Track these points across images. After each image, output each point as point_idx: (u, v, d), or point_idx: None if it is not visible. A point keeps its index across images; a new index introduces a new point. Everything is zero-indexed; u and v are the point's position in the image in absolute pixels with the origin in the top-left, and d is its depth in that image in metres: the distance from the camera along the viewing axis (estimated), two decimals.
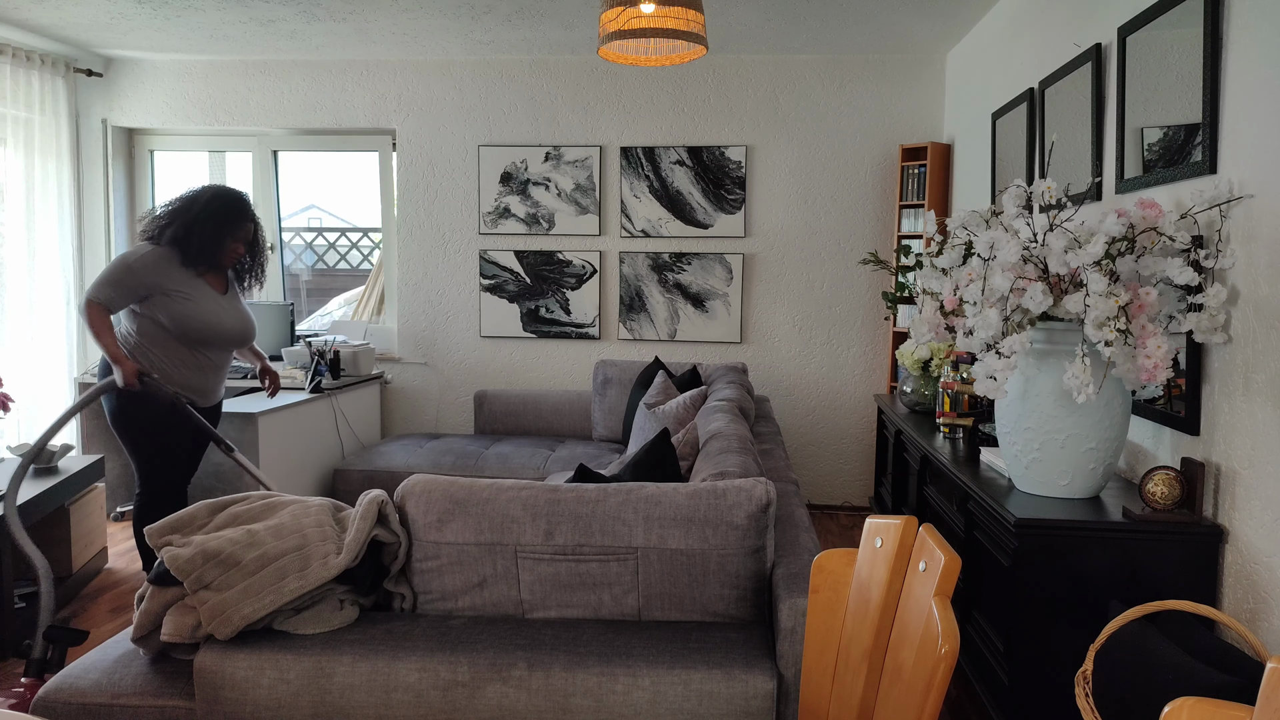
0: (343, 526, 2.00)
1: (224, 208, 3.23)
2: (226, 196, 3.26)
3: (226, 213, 3.23)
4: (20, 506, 3.19)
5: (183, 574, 1.81)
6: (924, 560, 1.28)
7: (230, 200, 3.26)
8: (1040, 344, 2.35)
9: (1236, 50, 2.15)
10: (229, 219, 3.23)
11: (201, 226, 3.18)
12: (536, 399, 5.02)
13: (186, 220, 3.18)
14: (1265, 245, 2.03)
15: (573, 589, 1.97)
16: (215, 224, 3.20)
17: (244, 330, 3.39)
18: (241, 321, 3.38)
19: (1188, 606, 1.67)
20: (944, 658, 1.11)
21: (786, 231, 5.12)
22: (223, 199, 3.24)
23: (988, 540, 2.53)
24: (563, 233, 5.23)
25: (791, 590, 1.84)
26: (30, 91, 4.81)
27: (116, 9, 4.29)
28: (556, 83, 5.18)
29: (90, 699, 1.82)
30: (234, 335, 3.34)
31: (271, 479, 3.95)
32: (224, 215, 3.22)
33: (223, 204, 3.23)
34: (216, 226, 3.20)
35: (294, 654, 1.80)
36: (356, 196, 5.97)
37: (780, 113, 5.08)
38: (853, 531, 4.71)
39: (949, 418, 3.39)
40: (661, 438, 2.46)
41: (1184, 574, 2.19)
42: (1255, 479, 2.06)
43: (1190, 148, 2.33)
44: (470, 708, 1.76)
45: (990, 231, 2.30)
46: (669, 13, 2.60)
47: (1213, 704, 0.94)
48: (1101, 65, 2.88)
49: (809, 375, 5.17)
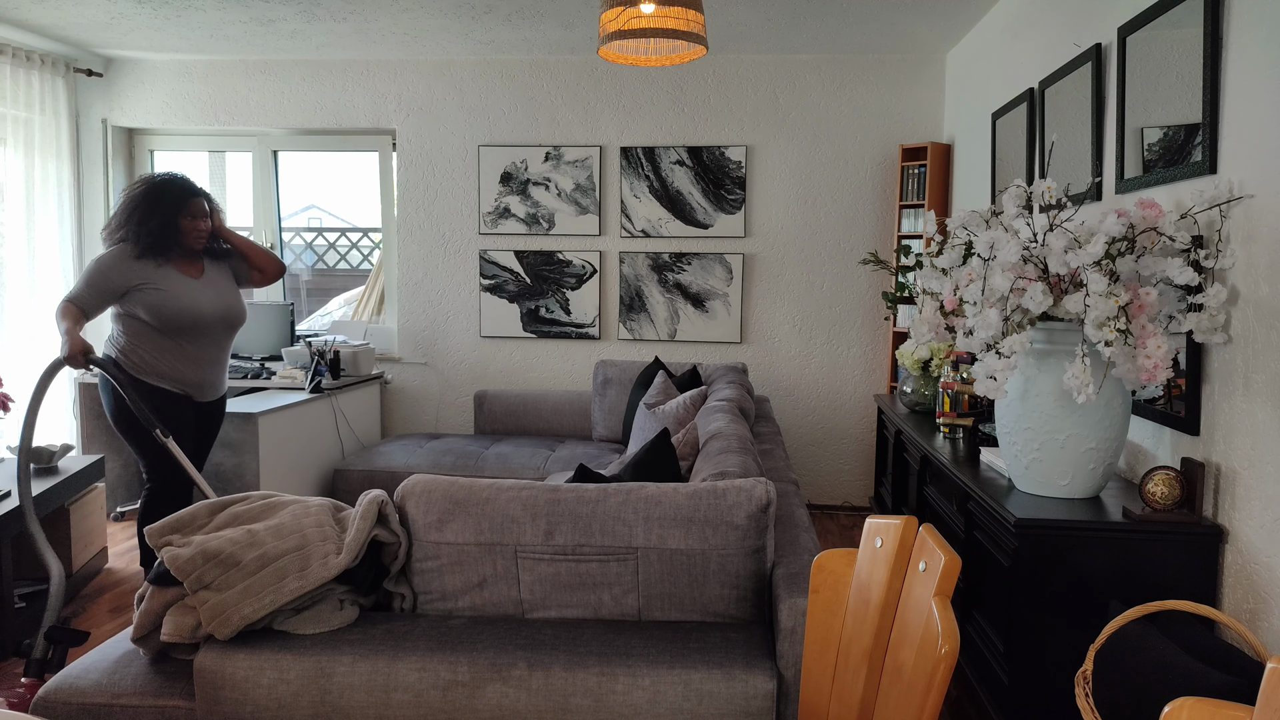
0: (343, 526, 2.00)
1: (159, 193, 3.27)
2: (159, 181, 3.30)
3: (161, 196, 3.26)
4: (20, 507, 3.18)
5: (183, 574, 1.81)
6: (924, 560, 1.28)
7: (163, 184, 3.29)
8: (1040, 344, 2.35)
9: (1236, 50, 2.15)
10: (168, 201, 3.26)
11: (146, 217, 3.23)
12: (536, 399, 5.02)
13: (133, 216, 3.24)
14: (1265, 245, 2.03)
15: (573, 589, 1.97)
16: (159, 211, 3.24)
17: (225, 312, 3.38)
18: (222, 303, 3.37)
19: (1188, 606, 1.67)
20: (944, 658, 1.11)
21: (786, 231, 5.12)
22: (157, 186, 3.29)
23: (988, 540, 2.53)
24: (563, 233, 5.23)
25: (791, 590, 1.84)
26: (30, 91, 4.81)
27: (116, 9, 4.29)
28: (556, 83, 5.18)
29: (90, 699, 1.82)
30: (214, 318, 3.34)
31: (210, 485, 3.94)
32: (162, 199, 3.26)
33: (157, 190, 3.27)
34: (161, 213, 3.24)
35: (294, 654, 1.80)
36: (356, 196, 5.98)
37: (780, 113, 5.08)
38: (853, 531, 4.71)
39: (949, 418, 3.39)
40: (661, 438, 2.46)
41: (1184, 574, 2.19)
42: (1255, 479, 2.06)
43: (1190, 148, 2.33)
44: (470, 708, 1.76)
45: (990, 231, 2.30)
46: (669, 13, 2.60)
47: (1213, 704, 0.94)
48: (1101, 65, 2.88)
49: (809, 375, 5.17)
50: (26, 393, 4.78)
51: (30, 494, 2.79)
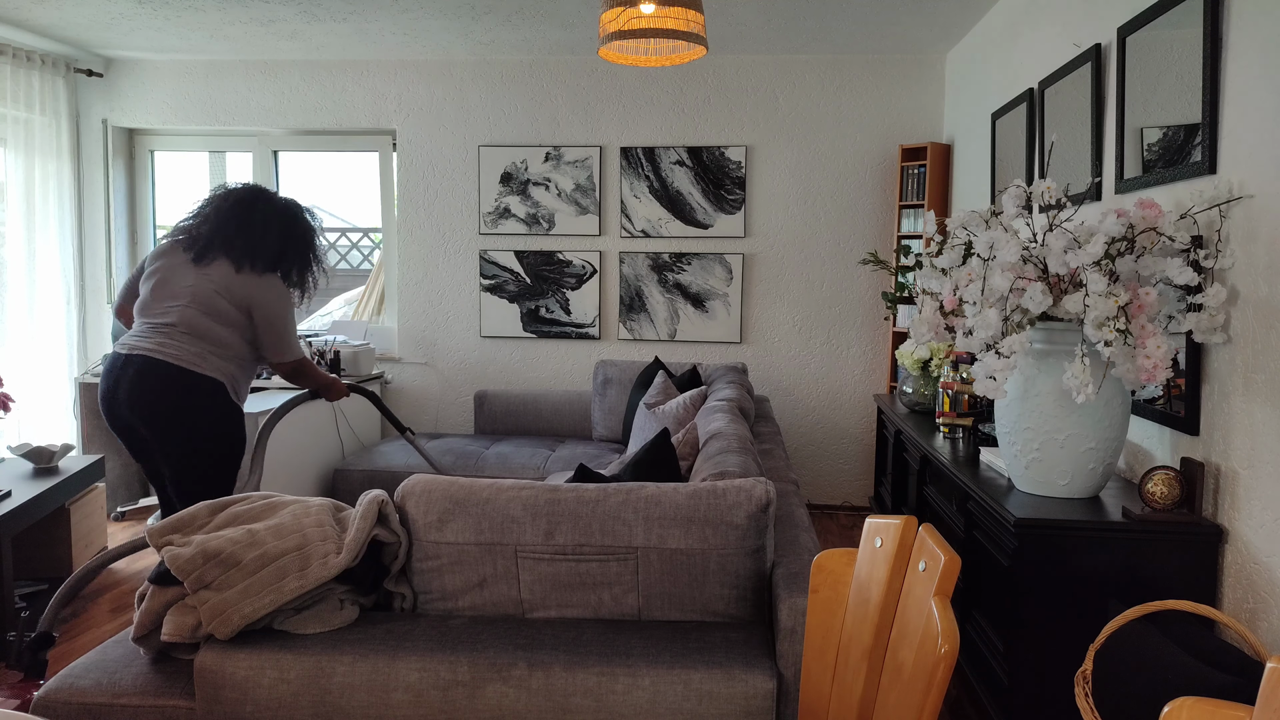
0: (343, 526, 2.00)
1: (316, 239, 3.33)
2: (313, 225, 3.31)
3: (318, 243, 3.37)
4: (20, 507, 3.19)
5: (183, 573, 1.81)
6: (924, 560, 1.28)
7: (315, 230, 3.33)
8: (1040, 344, 2.35)
9: (1236, 50, 2.15)
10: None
11: (319, 267, 3.28)
12: (536, 399, 5.02)
13: (315, 260, 3.23)
14: (1265, 245, 2.03)
15: (573, 589, 1.97)
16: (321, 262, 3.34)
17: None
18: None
19: (1188, 606, 1.68)
20: (944, 657, 1.12)
21: (786, 231, 5.12)
22: (313, 230, 3.29)
23: (987, 540, 2.53)
24: (563, 233, 5.23)
25: (791, 590, 1.84)
26: (30, 92, 4.81)
27: (116, 9, 4.30)
28: (556, 83, 5.18)
29: (90, 699, 1.82)
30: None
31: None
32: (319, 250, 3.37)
33: (315, 236, 3.31)
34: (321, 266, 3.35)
35: (294, 654, 1.80)
36: (356, 196, 5.98)
37: (780, 113, 5.08)
38: (852, 531, 4.71)
39: (949, 418, 3.39)
40: (661, 438, 2.46)
41: (1184, 574, 2.19)
42: (1255, 479, 2.06)
43: (1190, 148, 2.33)
44: (470, 708, 1.76)
45: (990, 232, 2.31)
46: (669, 13, 2.60)
47: (1213, 704, 0.94)
48: (1101, 65, 2.89)
49: (809, 375, 5.17)
50: (26, 392, 4.78)
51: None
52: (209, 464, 2.97)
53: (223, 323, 2.97)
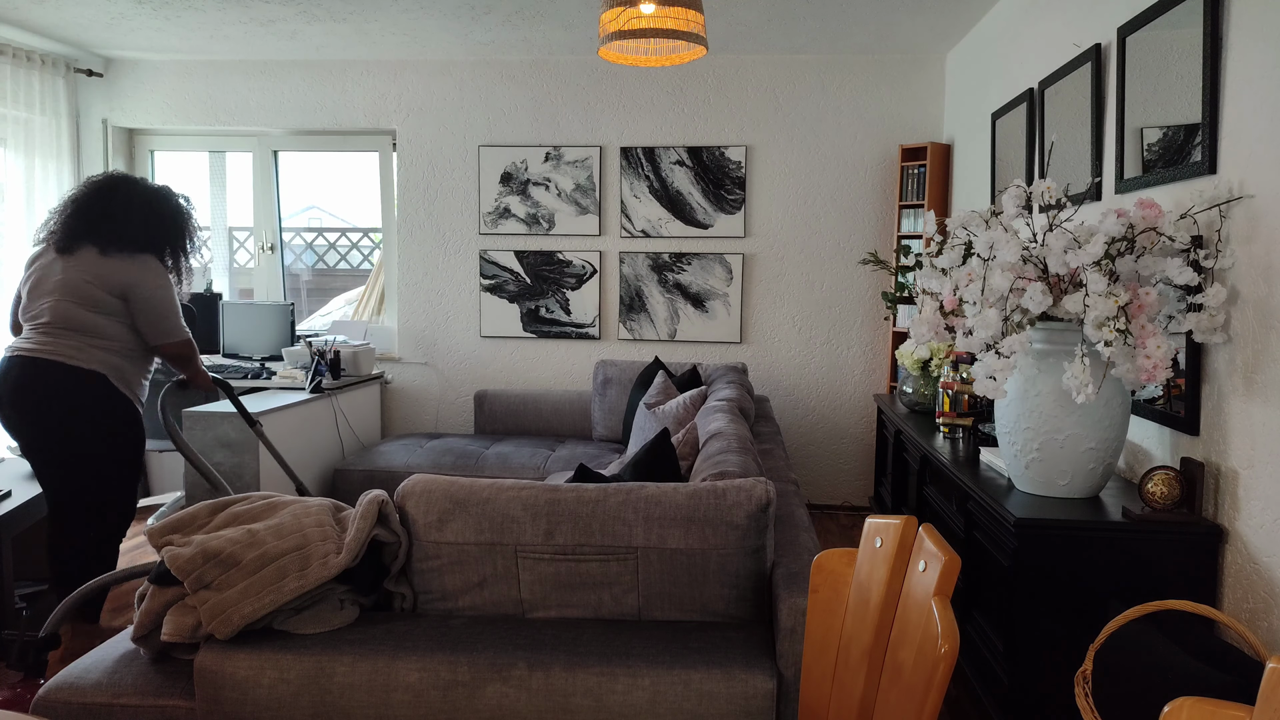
0: (343, 526, 2.00)
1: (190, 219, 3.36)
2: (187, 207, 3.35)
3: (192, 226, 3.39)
4: (20, 507, 3.18)
5: (183, 573, 1.81)
6: (924, 560, 1.28)
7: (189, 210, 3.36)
8: (1040, 344, 2.35)
9: (1236, 50, 2.15)
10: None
11: (193, 243, 3.30)
12: (536, 399, 5.02)
13: (189, 236, 3.26)
14: (1265, 245, 2.03)
15: (573, 589, 1.97)
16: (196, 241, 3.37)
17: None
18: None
19: (1188, 606, 1.68)
20: (944, 657, 1.12)
21: (786, 231, 5.12)
22: (187, 210, 3.33)
23: (987, 540, 2.53)
24: (563, 233, 5.23)
25: (791, 590, 1.84)
26: (30, 92, 4.81)
27: (116, 9, 4.29)
28: (556, 83, 5.18)
29: (90, 699, 1.82)
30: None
31: (277, 481, 3.95)
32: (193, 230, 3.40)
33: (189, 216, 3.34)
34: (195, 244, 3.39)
35: (294, 654, 1.80)
36: (356, 196, 5.97)
37: (780, 113, 5.08)
38: (853, 531, 4.71)
39: (949, 418, 3.39)
40: (661, 438, 2.46)
41: (1184, 574, 2.19)
42: (1255, 479, 2.06)
43: (1190, 148, 2.33)
44: (470, 708, 1.76)
45: (990, 232, 2.31)
46: (669, 13, 2.60)
47: (1212, 704, 0.94)
48: (1101, 65, 2.89)
49: (809, 375, 5.17)
50: None
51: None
52: (101, 463, 2.89)
53: (98, 311, 2.88)
